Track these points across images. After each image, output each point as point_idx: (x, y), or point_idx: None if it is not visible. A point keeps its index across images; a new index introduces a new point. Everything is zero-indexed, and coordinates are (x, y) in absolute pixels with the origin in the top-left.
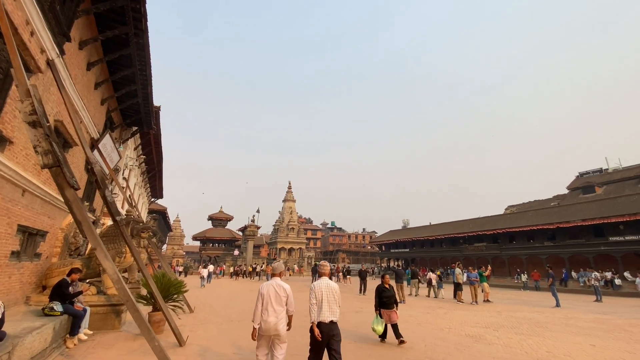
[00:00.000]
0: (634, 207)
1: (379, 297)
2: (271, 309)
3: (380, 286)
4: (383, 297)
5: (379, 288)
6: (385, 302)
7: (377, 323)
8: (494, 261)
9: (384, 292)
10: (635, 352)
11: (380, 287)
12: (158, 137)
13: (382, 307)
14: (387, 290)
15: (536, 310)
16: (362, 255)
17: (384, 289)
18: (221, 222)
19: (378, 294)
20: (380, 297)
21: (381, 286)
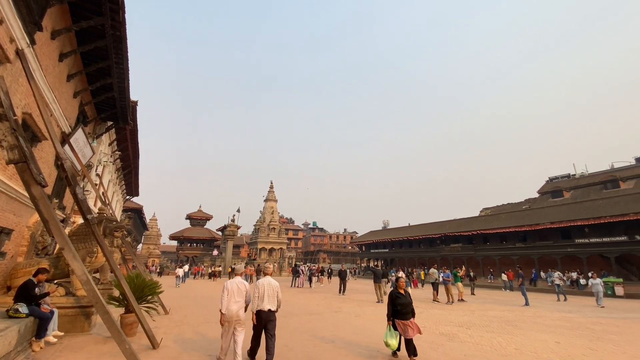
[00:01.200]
0: (598, 212)
1: (393, 304)
2: (234, 300)
3: (394, 292)
4: (397, 305)
5: (392, 294)
6: (400, 311)
7: (390, 336)
8: (469, 261)
9: (399, 299)
10: (596, 349)
11: (394, 292)
12: (134, 132)
13: (396, 317)
14: (402, 296)
15: (507, 309)
16: (342, 255)
17: (399, 295)
18: (200, 221)
19: (391, 301)
20: (394, 305)
21: (395, 292)
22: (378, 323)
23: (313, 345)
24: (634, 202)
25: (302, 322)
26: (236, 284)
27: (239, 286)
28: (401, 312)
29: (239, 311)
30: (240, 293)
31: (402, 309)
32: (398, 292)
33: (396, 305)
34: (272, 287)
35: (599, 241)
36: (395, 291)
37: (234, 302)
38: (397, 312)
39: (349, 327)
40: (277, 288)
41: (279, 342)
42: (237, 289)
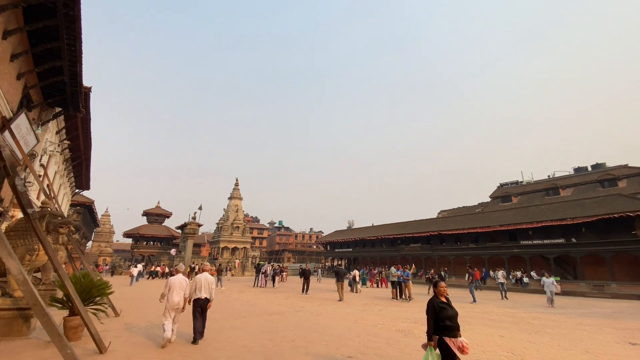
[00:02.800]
0: (540, 216)
1: (436, 317)
2: (176, 292)
3: (436, 301)
4: (444, 319)
5: (434, 304)
6: (447, 327)
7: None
8: (426, 261)
9: (445, 311)
10: (534, 342)
11: (437, 302)
12: (87, 121)
13: (442, 334)
14: (448, 307)
15: (458, 306)
16: (307, 254)
17: (443, 306)
18: (158, 218)
19: (434, 313)
20: (438, 319)
21: (437, 300)
22: (339, 321)
23: (273, 345)
24: (571, 209)
25: (262, 322)
26: (178, 279)
27: (180, 281)
28: (449, 328)
29: (179, 302)
30: (182, 287)
31: (450, 323)
32: (441, 300)
33: (442, 318)
34: (208, 281)
35: (541, 243)
36: (437, 300)
37: (176, 294)
38: (442, 327)
39: (310, 326)
40: (212, 282)
41: (238, 342)
42: (178, 284)
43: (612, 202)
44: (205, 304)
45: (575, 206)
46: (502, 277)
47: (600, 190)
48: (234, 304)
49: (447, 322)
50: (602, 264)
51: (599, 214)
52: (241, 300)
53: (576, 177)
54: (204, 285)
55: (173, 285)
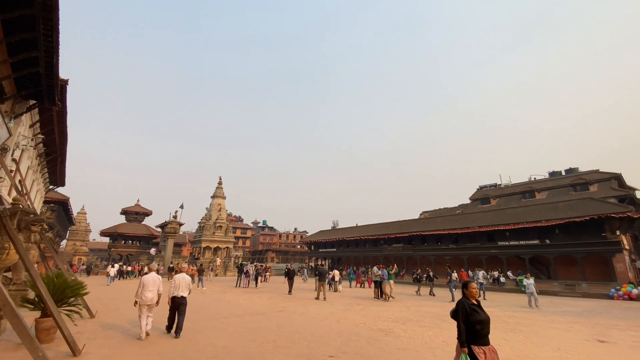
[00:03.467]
0: (517, 218)
1: (468, 322)
2: (148, 289)
3: (466, 303)
4: (475, 323)
5: (465, 307)
6: (478, 332)
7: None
8: (408, 261)
9: (476, 314)
10: (509, 339)
11: (468, 305)
12: (63, 115)
13: (473, 342)
14: (479, 310)
15: (438, 305)
16: (291, 254)
17: (474, 309)
18: (137, 216)
19: (464, 316)
20: (470, 323)
21: (467, 302)
22: (322, 321)
23: (254, 346)
24: (545, 211)
25: (244, 322)
26: (151, 277)
27: (153, 279)
28: (480, 334)
29: (153, 299)
30: (155, 284)
31: (481, 328)
32: (472, 303)
33: (472, 323)
34: (186, 280)
35: (517, 244)
36: (468, 302)
37: (149, 291)
38: (472, 332)
39: (292, 326)
40: (189, 281)
41: (218, 343)
42: (151, 282)
43: (583, 205)
44: (182, 302)
45: (549, 209)
46: (482, 278)
47: (573, 193)
48: (216, 305)
49: (478, 327)
50: (574, 264)
51: (571, 217)
52: (223, 300)
53: (551, 181)
54: (182, 284)
55: (146, 283)
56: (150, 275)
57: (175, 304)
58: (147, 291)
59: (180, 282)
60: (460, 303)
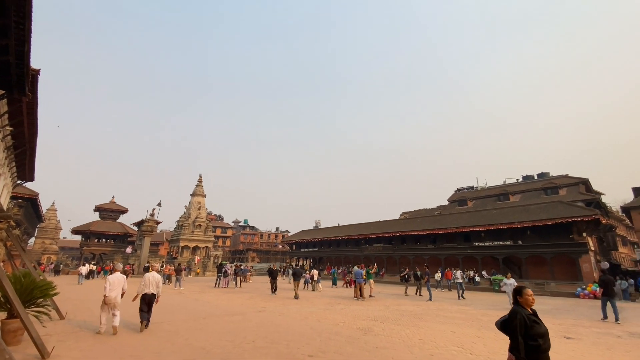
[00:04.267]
0: (492, 219)
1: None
2: (114, 289)
3: (522, 312)
4: (535, 337)
5: (523, 317)
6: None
7: None
8: (388, 260)
9: (536, 327)
10: (482, 337)
11: (524, 314)
12: (33, 106)
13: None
14: (539, 321)
15: (416, 304)
16: (273, 254)
17: (535, 320)
18: (112, 214)
19: (524, 329)
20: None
21: (524, 312)
22: (302, 320)
23: (232, 347)
24: (518, 213)
25: (223, 323)
26: (116, 277)
27: (118, 279)
28: (542, 349)
29: (117, 297)
30: (120, 284)
31: (543, 343)
32: (529, 313)
33: (533, 336)
34: (155, 279)
35: (492, 244)
36: (525, 312)
37: (114, 291)
38: (533, 349)
39: (272, 326)
40: (159, 280)
41: (196, 344)
42: (116, 281)
43: (553, 208)
44: (152, 299)
45: (522, 211)
46: (460, 277)
47: (544, 197)
48: (193, 305)
49: (540, 341)
50: (544, 265)
51: (542, 219)
52: (201, 301)
53: (524, 185)
54: (152, 282)
55: (112, 282)
56: (115, 275)
57: (146, 300)
58: (112, 290)
59: (150, 280)
60: (516, 313)
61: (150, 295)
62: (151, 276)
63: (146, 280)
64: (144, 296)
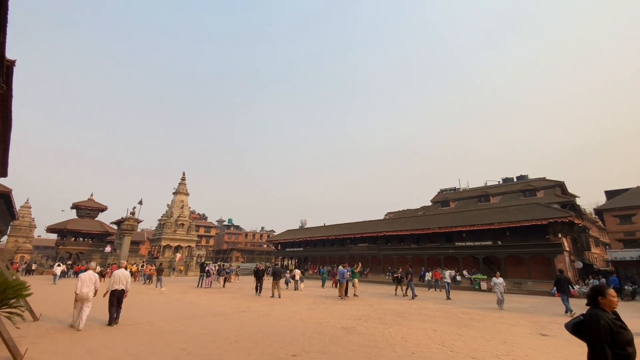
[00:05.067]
0: (473, 220)
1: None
2: (86, 285)
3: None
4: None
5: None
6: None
7: None
8: (373, 260)
9: (623, 334)
10: (462, 334)
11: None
12: (7, 99)
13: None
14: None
15: (399, 303)
16: (257, 254)
17: (621, 326)
18: (90, 212)
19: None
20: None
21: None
22: (286, 320)
23: (215, 347)
24: (498, 214)
25: (205, 323)
26: (88, 275)
27: (90, 276)
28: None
29: (88, 293)
30: (91, 281)
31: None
32: (613, 317)
33: (620, 345)
34: (125, 275)
35: (472, 244)
36: (609, 316)
37: (85, 287)
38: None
39: (255, 326)
40: (128, 277)
41: (176, 346)
42: (88, 279)
43: (531, 210)
44: (121, 295)
45: (501, 212)
46: (448, 277)
47: (522, 199)
48: (175, 306)
49: (629, 350)
50: (521, 264)
51: (520, 220)
52: (183, 301)
53: (504, 187)
54: (121, 279)
55: (83, 280)
56: (87, 273)
57: (115, 296)
58: (84, 287)
59: (119, 277)
60: (597, 317)
61: (120, 291)
62: (120, 273)
63: (115, 277)
64: (113, 292)
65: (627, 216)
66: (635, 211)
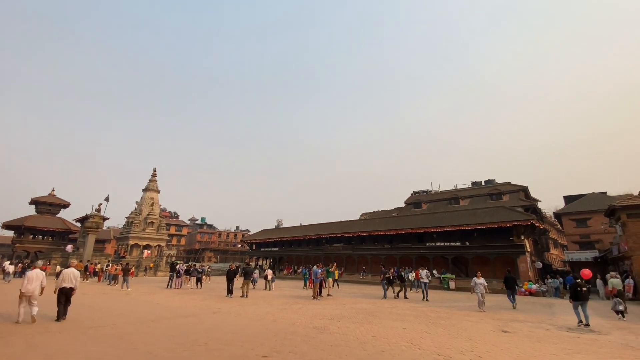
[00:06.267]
0: (443, 221)
1: None
2: (32, 282)
3: None
4: None
5: None
6: None
7: None
8: (347, 259)
9: None
10: (430, 332)
11: None
12: None
13: None
14: None
15: (371, 302)
16: (231, 254)
17: None
18: (51, 208)
19: None
20: None
21: None
22: (258, 321)
23: (182, 350)
24: (467, 217)
25: (173, 325)
26: (35, 273)
27: (37, 274)
28: None
29: (34, 290)
30: (38, 279)
31: None
32: None
33: None
34: (74, 274)
35: (442, 245)
36: None
37: (31, 284)
38: None
39: (227, 327)
40: (76, 275)
41: (142, 349)
42: (35, 277)
43: (497, 212)
44: (69, 292)
45: (470, 215)
46: (425, 277)
47: (489, 202)
48: (142, 307)
49: None
50: (487, 264)
51: (487, 223)
52: (151, 302)
53: (473, 190)
54: (70, 277)
55: (30, 278)
56: (34, 271)
57: (63, 293)
58: (30, 284)
59: (68, 275)
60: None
61: (68, 289)
62: (69, 271)
63: (64, 275)
64: (62, 289)
65: (583, 220)
66: (591, 215)
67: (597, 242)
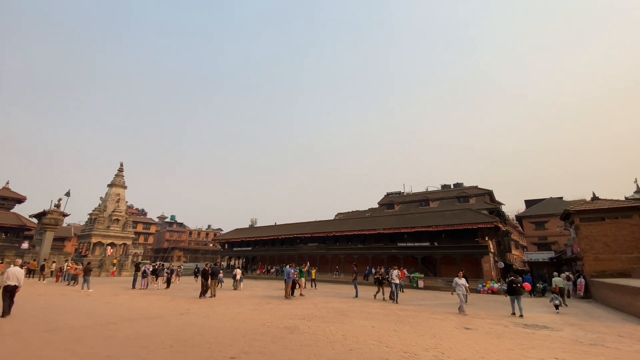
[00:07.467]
0: (414, 222)
1: None
2: (11, 278)
3: None
4: None
5: None
6: None
7: None
8: (321, 259)
9: None
10: (398, 330)
11: None
12: None
13: None
14: None
15: (343, 301)
16: (202, 253)
17: None
18: (5, 202)
19: None
20: None
21: None
22: (227, 322)
23: (146, 353)
24: (436, 218)
25: (137, 328)
26: (14, 270)
27: (15, 273)
28: None
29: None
30: (16, 276)
31: None
32: None
33: None
34: (19, 272)
35: (412, 245)
36: None
37: (11, 279)
38: None
39: (194, 328)
40: (21, 274)
41: (101, 353)
42: (13, 274)
43: (464, 215)
44: (13, 290)
45: (439, 216)
46: (396, 277)
47: (457, 204)
48: (103, 309)
49: None
50: (454, 264)
51: (454, 224)
52: (113, 304)
53: (442, 193)
54: (15, 275)
55: (11, 274)
56: (15, 269)
57: (8, 291)
58: (10, 280)
59: (13, 274)
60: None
61: (13, 287)
62: (15, 270)
63: (9, 274)
64: (6, 287)
65: (541, 223)
66: (548, 218)
67: (554, 244)
